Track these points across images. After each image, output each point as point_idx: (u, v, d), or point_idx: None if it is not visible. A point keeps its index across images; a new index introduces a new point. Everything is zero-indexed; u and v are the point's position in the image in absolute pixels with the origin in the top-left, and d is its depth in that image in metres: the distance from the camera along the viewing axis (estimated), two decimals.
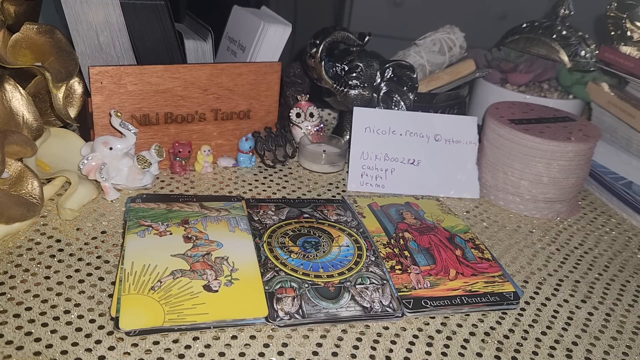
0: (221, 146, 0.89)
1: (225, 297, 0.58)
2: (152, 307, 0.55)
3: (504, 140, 0.84)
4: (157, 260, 0.61)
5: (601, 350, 0.60)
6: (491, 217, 0.84)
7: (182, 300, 0.57)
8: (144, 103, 0.80)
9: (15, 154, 0.67)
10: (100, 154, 0.75)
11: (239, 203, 0.76)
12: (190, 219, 0.70)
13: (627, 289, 0.71)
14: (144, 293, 0.57)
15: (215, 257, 0.63)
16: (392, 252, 0.68)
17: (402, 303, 0.61)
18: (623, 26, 0.99)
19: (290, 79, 1.00)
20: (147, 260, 0.61)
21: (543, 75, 1.09)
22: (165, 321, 0.54)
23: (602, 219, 0.88)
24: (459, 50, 1.04)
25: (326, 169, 0.90)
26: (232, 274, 0.61)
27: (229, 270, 0.62)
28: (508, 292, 0.64)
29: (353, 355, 0.55)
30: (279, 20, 0.90)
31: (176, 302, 0.56)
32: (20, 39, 0.73)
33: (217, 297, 0.58)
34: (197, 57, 0.90)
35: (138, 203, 0.72)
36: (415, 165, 0.87)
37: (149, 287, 0.58)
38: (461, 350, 0.57)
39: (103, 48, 0.80)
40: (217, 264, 0.62)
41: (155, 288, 0.58)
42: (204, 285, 0.59)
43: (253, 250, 0.65)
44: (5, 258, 0.62)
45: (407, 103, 0.91)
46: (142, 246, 0.64)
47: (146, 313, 0.55)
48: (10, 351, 0.50)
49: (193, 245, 0.65)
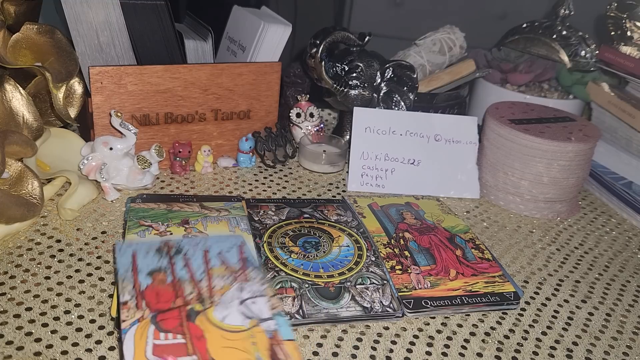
0: (221, 146, 0.89)
1: None
2: None
3: (504, 140, 0.84)
4: None
5: (601, 351, 0.60)
6: (491, 217, 0.84)
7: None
8: (144, 103, 0.80)
9: (16, 154, 0.67)
10: (101, 154, 0.75)
11: (239, 203, 0.76)
12: (190, 219, 0.70)
13: (627, 289, 0.71)
14: None
15: None
16: (393, 252, 0.68)
17: (402, 303, 0.61)
18: (623, 26, 0.99)
19: (290, 79, 1.00)
20: None
21: (543, 75, 1.09)
22: None
23: (602, 219, 0.88)
24: (459, 50, 1.04)
25: (326, 169, 0.90)
26: None
27: None
28: (508, 292, 0.64)
29: (353, 355, 0.55)
30: (279, 20, 0.90)
31: None
32: (20, 39, 0.73)
33: None
34: (197, 57, 0.90)
35: (138, 203, 0.72)
36: (416, 165, 0.87)
37: None
38: (461, 351, 0.57)
39: (103, 48, 0.80)
40: None
41: None
42: None
43: (253, 251, 0.65)
44: (5, 258, 0.62)
45: (407, 103, 0.91)
46: None
47: None
48: (10, 351, 0.50)
49: None
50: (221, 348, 0.48)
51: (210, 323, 0.50)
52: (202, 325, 0.50)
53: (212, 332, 0.50)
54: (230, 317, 0.51)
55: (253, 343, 0.49)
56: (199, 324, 0.50)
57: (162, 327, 0.49)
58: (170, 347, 0.48)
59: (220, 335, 0.49)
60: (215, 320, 0.51)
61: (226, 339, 0.49)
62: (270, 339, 0.49)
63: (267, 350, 0.48)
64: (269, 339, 0.49)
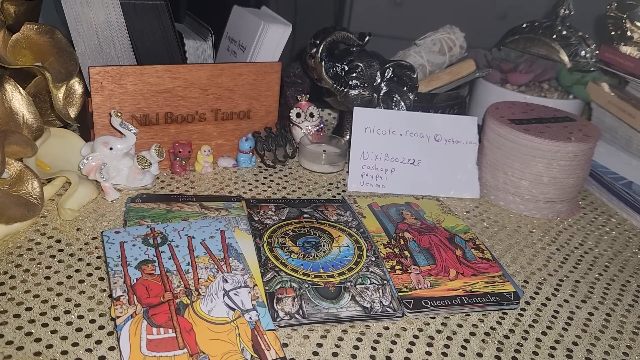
0: (221, 146, 0.89)
1: None
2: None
3: (504, 140, 0.84)
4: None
5: (601, 351, 0.60)
6: (491, 217, 0.84)
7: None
8: (144, 103, 0.80)
9: (15, 154, 0.67)
10: (101, 154, 0.75)
11: (238, 203, 0.76)
12: (190, 218, 0.70)
13: (627, 289, 0.71)
14: None
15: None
16: (393, 252, 0.68)
17: (402, 303, 0.61)
18: (623, 26, 0.99)
19: (290, 79, 1.00)
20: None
21: (543, 75, 1.09)
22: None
23: (602, 219, 0.88)
24: (459, 50, 1.04)
25: (326, 169, 0.90)
26: None
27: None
28: (508, 292, 0.64)
29: (353, 355, 0.55)
30: (279, 20, 0.90)
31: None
32: (20, 39, 0.73)
33: None
34: (197, 57, 0.90)
35: (138, 203, 0.72)
36: (416, 165, 0.87)
37: None
38: (461, 351, 0.57)
39: (103, 48, 0.80)
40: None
41: None
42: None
43: (253, 251, 0.65)
44: (5, 258, 0.62)
45: (407, 103, 0.91)
46: None
47: None
48: (10, 351, 0.50)
49: None
50: (208, 340, 0.52)
51: (197, 316, 0.54)
52: (191, 319, 0.54)
53: (199, 324, 0.54)
54: (216, 309, 0.55)
55: (237, 334, 0.53)
56: (188, 317, 0.54)
57: (154, 322, 0.53)
58: (162, 342, 0.51)
59: (207, 328, 0.53)
60: (202, 313, 0.55)
61: (212, 331, 0.53)
62: (252, 330, 0.54)
63: (250, 341, 0.52)
64: (251, 329, 0.54)
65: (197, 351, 0.51)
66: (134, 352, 0.50)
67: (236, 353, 0.51)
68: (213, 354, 0.51)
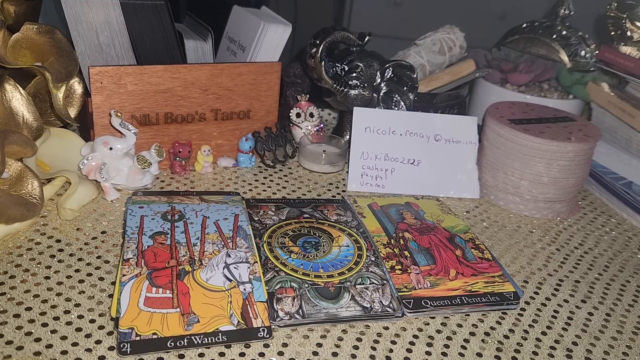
0: (221, 146, 0.89)
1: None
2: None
3: (504, 140, 0.84)
4: None
5: (601, 351, 0.60)
6: (491, 217, 0.84)
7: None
8: (144, 103, 0.80)
9: (15, 154, 0.67)
10: (100, 154, 0.75)
11: (237, 197, 0.76)
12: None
13: (627, 289, 0.71)
14: None
15: None
16: (392, 252, 0.68)
17: (402, 303, 0.61)
18: (623, 26, 0.99)
19: (290, 79, 1.00)
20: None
21: (543, 75, 1.09)
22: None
23: (602, 219, 0.88)
24: (459, 50, 1.04)
25: (326, 169, 0.90)
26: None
27: None
28: (508, 292, 0.64)
29: (353, 355, 0.55)
30: (279, 20, 0.90)
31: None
32: (20, 39, 0.73)
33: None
34: (197, 57, 0.90)
35: (139, 196, 0.73)
36: (415, 165, 0.87)
37: None
38: (461, 351, 0.57)
39: (103, 48, 0.80)
40: None
41: None
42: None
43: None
44: (5, 258, 0.62)
45: (407, 103, 0.91)
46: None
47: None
48: (10, 351, 0.50)
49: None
50: (201, 304, 0.56)
51: (196, 282, 0.58)
52: (189, 284, 0.58)
53: (196, 290, 0.57)
54: (214, 278, 0.59)
55: (229, 302, 0.56)
56: (186, 282, 0.58)
57: (155, 283, 0.57)
58: (158, 300, 0.55)
59: (202, 293, 0.57)
60: (201, 280, 0.59)
61: (207, 297, 0.57)
62: (244, 300, 0.57)
63: (240, 309, 0.56)
64: (243, 299, 0.57)
65: (189, 312, 0.54)
66: (131, 306, 0.54)
67: (224, 318, 0.55)
68: (202, 315, 0.54)
